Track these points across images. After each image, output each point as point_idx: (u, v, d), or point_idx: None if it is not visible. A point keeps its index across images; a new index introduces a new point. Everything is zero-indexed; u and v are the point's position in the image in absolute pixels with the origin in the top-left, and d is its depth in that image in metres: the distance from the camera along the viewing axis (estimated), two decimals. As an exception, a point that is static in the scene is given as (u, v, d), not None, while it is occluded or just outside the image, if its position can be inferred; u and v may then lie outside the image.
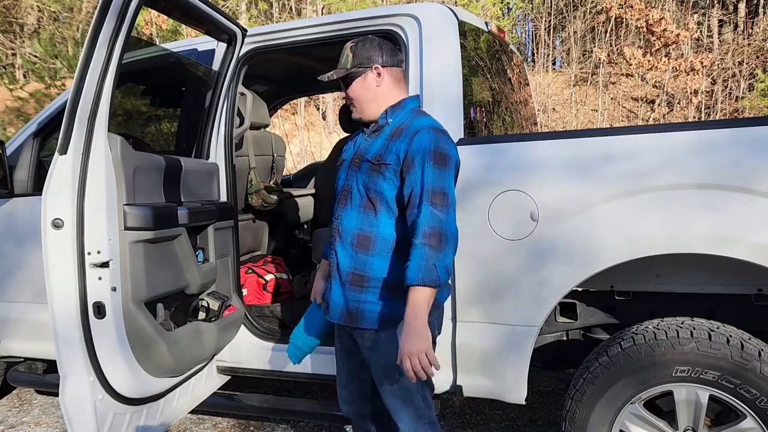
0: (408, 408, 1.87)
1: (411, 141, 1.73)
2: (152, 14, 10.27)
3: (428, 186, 1.70)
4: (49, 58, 8.97)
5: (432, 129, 1.76)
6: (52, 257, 2.05)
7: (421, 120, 1.81)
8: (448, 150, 1.75)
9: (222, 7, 11.29)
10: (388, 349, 1.79)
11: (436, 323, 1.89)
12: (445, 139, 1.77)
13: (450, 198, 1.73)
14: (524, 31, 17.30)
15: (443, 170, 1.72)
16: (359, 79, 1.85)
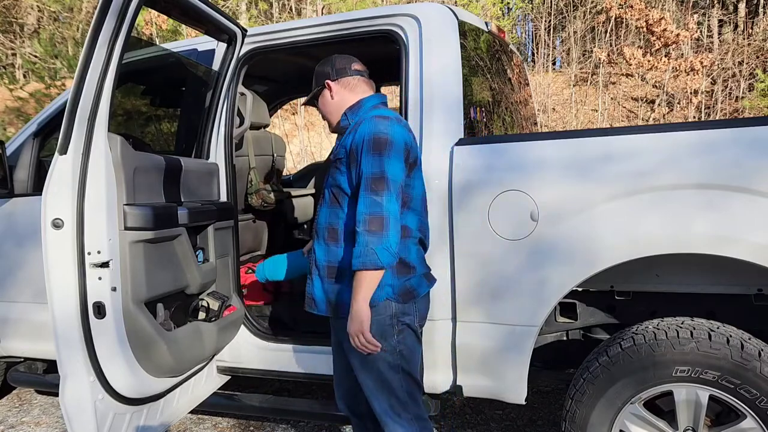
0: (382, 396, 1.90)
1: (355, 133, 1.84)
2: (152, 14, 10.27)
3: (367, 174, 1.78)
4: (49, 58, 8.97)
5: (372, 118, 1.85)
6: (52, 257, 2.05)
7: (373, 112, 1.91)
8: (388, 133, 1.80)
9: (222, 7, 11.29)
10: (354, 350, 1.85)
11: (416, 315, 1.93)
12: (386, 124, 1.82)
13: (390, 180, 1.77)
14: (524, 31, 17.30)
15: (381, 155, 1.78)
16: (320, 98, 2.06)
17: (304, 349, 2.68)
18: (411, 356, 1.94)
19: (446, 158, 2.27)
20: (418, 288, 1.93)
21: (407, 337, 1.91)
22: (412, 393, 1.93)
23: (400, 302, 1.88)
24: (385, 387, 1.90)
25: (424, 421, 1.96)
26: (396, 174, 1.78)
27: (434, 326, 2.32)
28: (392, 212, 1.75)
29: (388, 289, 1.87)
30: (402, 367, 1.90)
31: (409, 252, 1.92)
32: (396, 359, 1.89)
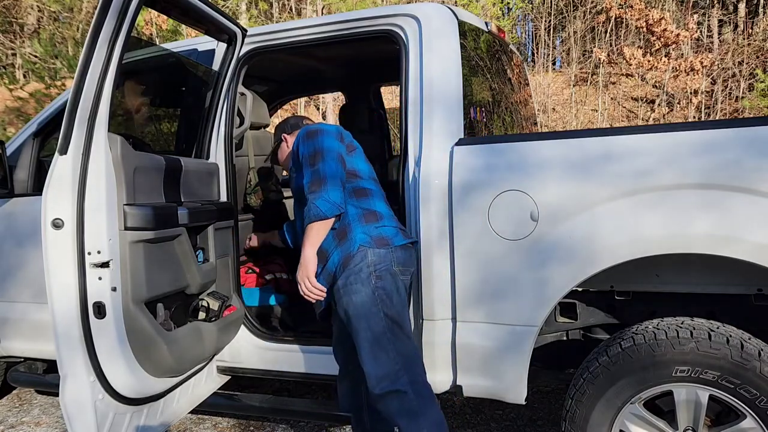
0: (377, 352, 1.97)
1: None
2: (152, 14, 10.26)
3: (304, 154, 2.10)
4: (49, 58, 8.96)
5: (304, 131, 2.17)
6: (52, 257, 2.05)
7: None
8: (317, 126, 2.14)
9: (222, 7, 11.29)
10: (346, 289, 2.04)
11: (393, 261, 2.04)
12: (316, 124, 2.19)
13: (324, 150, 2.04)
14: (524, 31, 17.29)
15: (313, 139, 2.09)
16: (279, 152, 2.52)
17: (304, 349, 2.68)
18: (392, 301, 2.01)
19: (446, 158, 2.28)
20: (393, 237, 2.06)
21: (386, 283, 2.01)
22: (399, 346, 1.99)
23: (375, 247, 2.01)
24: (369, 336, 1.98)
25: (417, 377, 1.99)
26: (330, 145, 2.05)
27: (434, 326, 2.32)
28: (328, 171, 1.99)
29: (362, 236, 2.03)
30: (385, 313, 1.98)
31: (374, 204, 2.10)
32: (377, 306, 1.98)
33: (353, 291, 2.00)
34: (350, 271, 2.01)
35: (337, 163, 2.04)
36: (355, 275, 2.00)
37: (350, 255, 2.03)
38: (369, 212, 2.10)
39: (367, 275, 2.00)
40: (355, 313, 2.00)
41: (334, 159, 2.04)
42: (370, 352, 1.98)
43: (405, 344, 2.02)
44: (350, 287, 2.01)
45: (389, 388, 1.95)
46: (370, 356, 1.98)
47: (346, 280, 2.03)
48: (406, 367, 1.97)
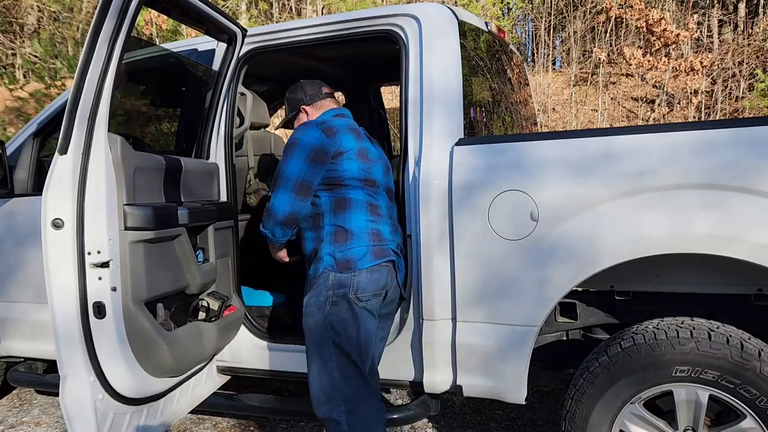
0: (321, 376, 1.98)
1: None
2: (152, 14, 10.26)
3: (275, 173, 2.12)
4: (49, 58, 8.95)
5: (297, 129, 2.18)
6: (52, 257, 2.05)
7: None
8: (297, 137, 2.11)
9: (222, 7, 11.29)
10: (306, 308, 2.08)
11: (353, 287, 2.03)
12: (302, 129, 2.14)
13: (284, 178, 2.08)
14: (524, 31, 17.28)
15: (286, 158, 2.09)
16: (296, 121, 2.36)
17: (304, 349, 2.67)
18: (344, 330, 1.98)
19: (446, 158, 2.28)
20: (359, 260, 2.02)
21: (341, 310, 1.98)
22: (345, 373, 1.96)
23: (337, 271, 2.01)
24: (317, 360, 1.98)
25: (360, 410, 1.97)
26: (291, 172, 2.07)
27: (434, 326, 2.32)
28: (275, 206, 2.09)
29: (328, 259, 2.04)
30: (333, 341, 1.96)
31: (350, 220, 2.07)
32: (327, 332, 1.97)
33: (309, 313, 2.05)
34: (313, 292, 2.06)
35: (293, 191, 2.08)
36: (315, 297, 2.05)
37: (315, 275, 2.08)
38: (340, 230, 2.09)
39: (325, 299, 2.02)
40: (308, 335, 2.05)
41: (292, 188, 2.08)
42: (317, 375, 2.02)
43: (351, 374, 2.00)
44: (308, 309, 2.06)
45: (327, 415, 2.01)
46: (315, 379, 2.03)
47: (307, 300, 2.07)
48: (347, 398, 1.97)
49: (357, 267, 2.03)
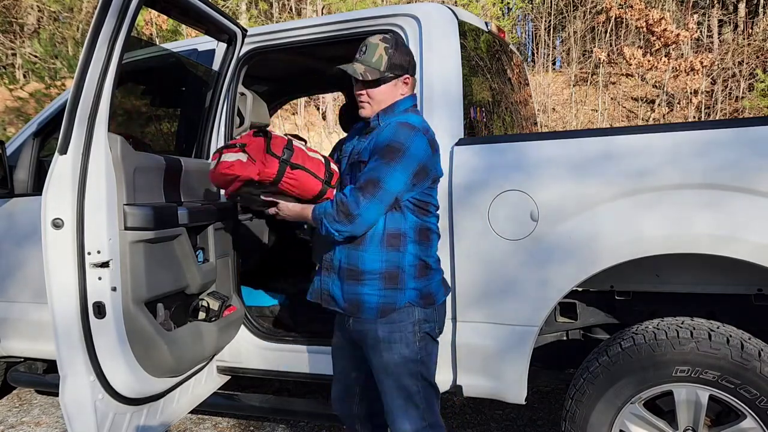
0: (399, 402, 1.89)
1: (378, 137, 1.83)
2: (152, 14, 10.26)
3: (368, 174, 1.78)
4: (49, 58, 8.95)
5: (398, 124, 1.82)
6: (52, 257, 2.05)
7: (400, 117, 1.88)
8: (405, 144, 1.77)
9: (222, 7, 11.30)
10: (388, 344, 1.86)
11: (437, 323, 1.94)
12: (406, 133, 1.78)
13: (383, 189, 1.76)
14: (524, 31, 17.30)
15: (389, 163, 1.76)
16: (389, 84, 1.89)
17: (304, 349, 2.68)
18: (431, 364, 1.93)
19: (446, 158, 2.27)
20: (437, 294, 1.93)
21: (428, 344, 1.91)
22: (429, 400, 1.93)
23: (422, 307, 1.88)
24: (403, 393, 1.88)
25: (440, 429, 1.96)
26: (393, 186, 1.77)
27: (434, 326, 2.32)
28: (363, 216, 1.77)
29: (411, 293, 1.87)
30: (422, 374, 1.89)
31: (431, 255, 1.94)
32: (417, 367, 1.88)
33: (393, 349, 1.86)
34: (395, 326, 1.85)
35: (383, 208, 1.80)
36: (399, 333, 1.85)
37: (394, 307, 1.85)
38: (423, 264, 1.90)
39: (412, 335, 1.86)
40: (395, 371, 1.87)
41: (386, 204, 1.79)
42: (403, 407, 1.89)
43: (433, 400, 1.95)
44: (394, 345, 1.86)
45: None
46: (401, 411, 1.89)
47: (389, 335, 1.86)
48: (433, 424, 1.93)
49: (437, 302, 1.93)
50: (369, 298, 1.86)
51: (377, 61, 1.86)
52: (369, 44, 1.88)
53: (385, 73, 1.86)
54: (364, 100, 1.91)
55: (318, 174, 1.94)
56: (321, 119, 13.94)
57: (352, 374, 2.10)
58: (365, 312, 1.87)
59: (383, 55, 1.86)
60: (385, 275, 1.86)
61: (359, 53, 1.90)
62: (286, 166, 1.90)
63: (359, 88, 1.91)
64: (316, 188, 1.95)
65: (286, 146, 1.92)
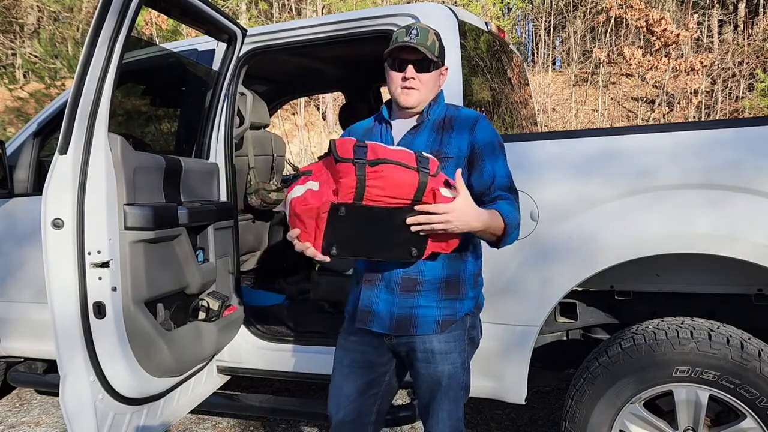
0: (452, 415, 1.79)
1: (472, 132, 1.71)
2: (152, 14, 10.27)
3: (504, 174, 1.69)
4: (49, 58, 8.96)
5: (483, 118, 1.75)
6: (52, 257, 2.05)
7: (467, 110, 1.80)
8: (499, 137, 1.77)
9: (222, 7, 11.29)
10: (444, 355, 1.72)
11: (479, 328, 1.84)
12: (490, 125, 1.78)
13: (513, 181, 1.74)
14: (524, 31, 17.30)
15: (504, 158, 1.73)
16: (437, 72, 1.73)
17: (304, 349, 2.68)
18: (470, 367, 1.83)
19: (446, 158, 2.27)
20: (482, 300, 1.85)
21: (472, 351, 1.82)
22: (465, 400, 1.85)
23: (475, 315, 1.79)
24: (452, 403, 1.78)
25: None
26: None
27: (434, 326, 2.32)
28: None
29: (470, 303, 1.76)
30: (465, 382, 1.79)
31: (481, 261, 1.83)
32: (464, 375, 1.78)
33: (449, 360, 1.73)
34: (451, 336, 1.72)
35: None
36: (455, 342, 1.73)
37: (455, 319, 1.71)
38: (479, 272, 1.80)
39: (462, 343, 1.75)
40: (449, 382, 1.74)
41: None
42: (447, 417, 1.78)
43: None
44: (449, 356, 1.72)
45: None
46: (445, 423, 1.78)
47: (445, 344, 1.72)
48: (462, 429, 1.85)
49: (482, 308, 1.84)
50: (426, 311, 1.68)
51: (431, 45, 1.68)
52: (419, 28, 1.69)
53: (438, 59, 1.71)
54: (413, 86, 1.69)
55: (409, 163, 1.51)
56: (321, 119, 13.95)
57: (369, 392, 1.84)
58: (420, 328, 1.69)
59: (435, 40, 1.70)
60: (444, 286, 1.69)
61: (409, 36, 1.67)
62: (364, 165, 1.48)
63: (410, 73, 1.69)
64: (413, 180, 1.49)
65: (356, 145, 1.53)
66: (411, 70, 1.69)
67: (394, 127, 1.78)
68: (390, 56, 1.72)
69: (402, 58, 1.69)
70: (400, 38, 1.68)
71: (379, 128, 1.81)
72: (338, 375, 1.86)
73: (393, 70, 1.72)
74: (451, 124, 1.73)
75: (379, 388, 1.86)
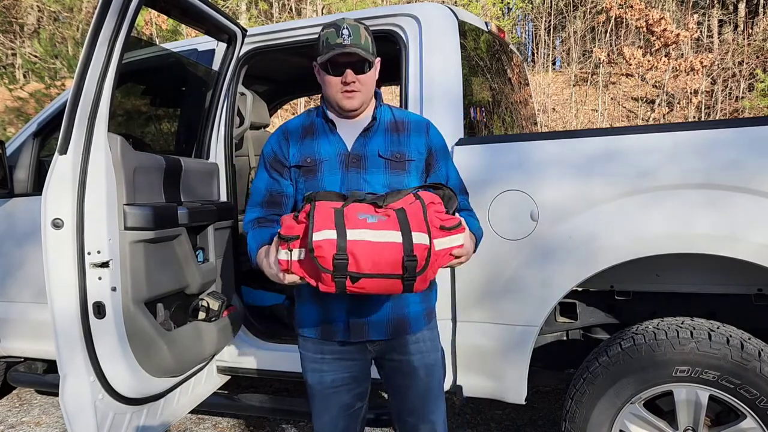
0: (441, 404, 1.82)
1: (428, 136, 1.75)
2: (152, 14, 10.27)
3: (457, 177, 1.81)
4: (49, 58, 8.95)
5: (429, 121, 1.81)
6: (52, 257, 2.05)
7: (411, 113, 1.86)
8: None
9: (222, 7, 11.29)
10: (434, 342, 1.77)
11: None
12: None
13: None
14: (524, 31, 17.30)
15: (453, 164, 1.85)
16: (374, 70, 1.69)
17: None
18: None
19: (446, 158, 2.27)
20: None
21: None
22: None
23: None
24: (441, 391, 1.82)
25: None
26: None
27: (434, 326, 2.32)
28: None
29: (436, 293, 1.84)
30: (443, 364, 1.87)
31: None
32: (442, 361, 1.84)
33: (437, 348, 1.79)
34: (433, 323, 1.79)
35: None
36: (436, 329, 1.80)
37: (433, 309, 1.79)
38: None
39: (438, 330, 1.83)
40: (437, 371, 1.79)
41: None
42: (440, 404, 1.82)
43: None
44: (435, 343, 1.78)
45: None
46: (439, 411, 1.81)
47: (432, 332, 1.77)
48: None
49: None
50: (415, 308, 1.72)
51: (366, 43, 1.63)
52: (350, 26, 1.63)
53: (371, 57, 1.65)
54: (355, 89, 1.65)
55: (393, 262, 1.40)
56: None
57: (355, 406, 1.82)
58: (415, 325, 1.72)
59: (367, 36, 1.65)
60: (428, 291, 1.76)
61: (342, 37, 1.60)
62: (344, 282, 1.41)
63: (350, 77, 1.64)
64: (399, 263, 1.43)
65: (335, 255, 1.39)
66: (350, 74, 1.64)
67: (339, 127, 1.73)
68: (323, 62, 1.65)
69: (338, 62, 1.63)
70: (332, 40, 1.62)
71: (321, 127, 1.74)
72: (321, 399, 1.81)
73: (329, 75, 1.66)
74: (404, 127, 1.75)
75: (364, 400, 1.84)
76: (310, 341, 1.76)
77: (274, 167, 1.75)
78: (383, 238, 1.38)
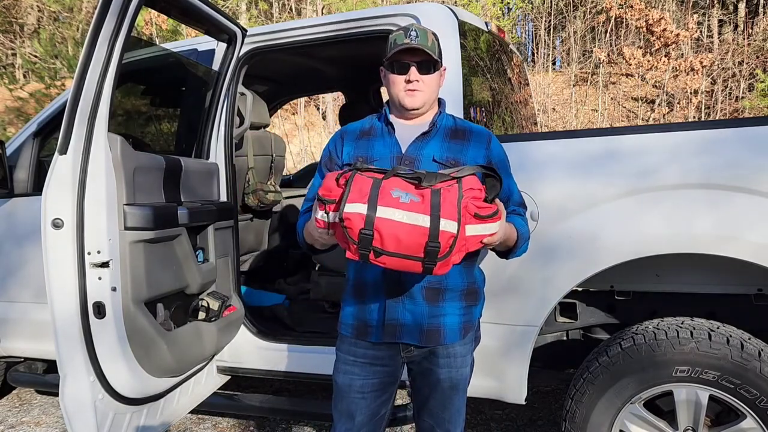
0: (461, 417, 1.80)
1: (488, 148, 1.71)
2: (152, 14, 10.26)
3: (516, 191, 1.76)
4: (49, 58, 8.96)
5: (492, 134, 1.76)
6: (52, 257, 2.05)
7: (475, 125, 1.79)
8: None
9: (222, 7, 11.29)
10: (464, 358, 1.74)
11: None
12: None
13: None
14: (524, 31, 17.30)
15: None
16: (438, 73, 1.70)
17: (304, 349, 2.68)
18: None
19: (446, 158, 2.27)
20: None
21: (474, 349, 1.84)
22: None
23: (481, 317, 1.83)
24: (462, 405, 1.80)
25: None
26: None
27: (434, 326, 2.31)
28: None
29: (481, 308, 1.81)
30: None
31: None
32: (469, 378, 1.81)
33: (468, 362, 1.77)
34: (468, 338, 1.75)
35: None
36: (470, 344, 1.77)
37: (473, 324, 1.76)
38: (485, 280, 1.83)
39: (473, 344, 1.80)
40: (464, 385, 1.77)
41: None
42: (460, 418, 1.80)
43: None
44: (467, 358, 1.76)
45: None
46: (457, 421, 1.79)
47: (465, 348, 1.74)
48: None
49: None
50: (452, 319, 1.68)
51: (432, 46, 1.64)
52: (418, 29, 1.64)
53: (438, 60, 1.67)
54: (418, 88, 1.65)
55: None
56: (321, 119, 13.94)
57: (381, 412, 1.79)
58: (448, 337, 1.68)
59: (434, 41, 1.67)
60: (466, 293, 1.71)
61: (409, 37, 1.62)
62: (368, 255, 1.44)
63: (413, 75, 1.64)
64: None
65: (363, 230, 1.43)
66: (414, 72, 1.65)
67: (398, 130, 1.72)
68: (389, 60, 1.67)
69: (404, 61, 1.65)
70: (399, 40, 1.64)
71: (380, 130, 1.74)
72: (348, 403, 1.76)
73: (394, 74, 1.67)
74: (465, 136, 1.71)
75: (388, 405, 1.83)
76: (345, 341, 1.77)
77: (327, 166, 1.77)
78: (411, 220, 1.38)
